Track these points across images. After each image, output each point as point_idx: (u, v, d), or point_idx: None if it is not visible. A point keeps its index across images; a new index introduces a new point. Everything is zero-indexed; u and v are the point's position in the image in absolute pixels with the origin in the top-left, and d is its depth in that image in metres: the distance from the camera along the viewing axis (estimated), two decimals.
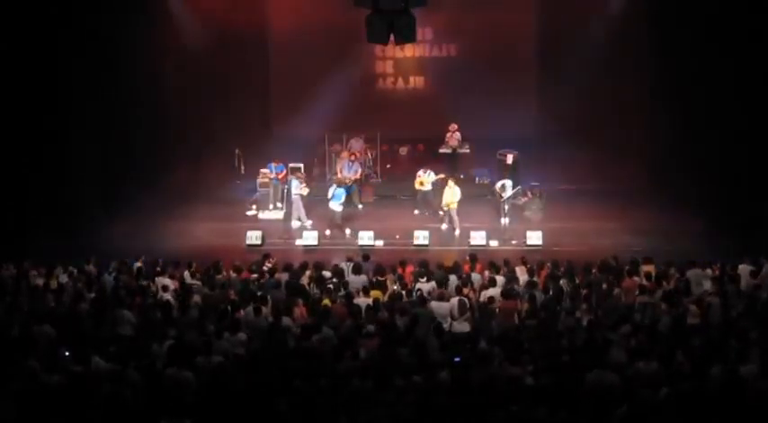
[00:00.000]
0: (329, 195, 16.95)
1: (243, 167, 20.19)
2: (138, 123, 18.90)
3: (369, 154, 20.28)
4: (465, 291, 12.41)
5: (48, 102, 16.58)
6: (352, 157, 18.69)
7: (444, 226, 17.32)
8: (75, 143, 17.23)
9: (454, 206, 17.13)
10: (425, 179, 18.04)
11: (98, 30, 17.08)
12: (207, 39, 20.19)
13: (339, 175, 18.37)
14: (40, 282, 13.06)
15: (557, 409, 8.09)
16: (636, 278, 12.95)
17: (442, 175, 18.38)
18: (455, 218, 17.17)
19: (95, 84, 17.31)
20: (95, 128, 17.60)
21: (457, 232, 17.14)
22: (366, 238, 16.68)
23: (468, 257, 14.13)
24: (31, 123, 16.42)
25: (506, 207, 17.47)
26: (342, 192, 17.00)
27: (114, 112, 17.99)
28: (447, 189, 17.26)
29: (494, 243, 16.68)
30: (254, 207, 18.90)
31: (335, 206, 16.93)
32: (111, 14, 17.39)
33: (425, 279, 12.82)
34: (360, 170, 18.97)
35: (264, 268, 13.57)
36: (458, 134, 19.71)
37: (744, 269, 13.31)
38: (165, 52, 19.52)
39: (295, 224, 17.54)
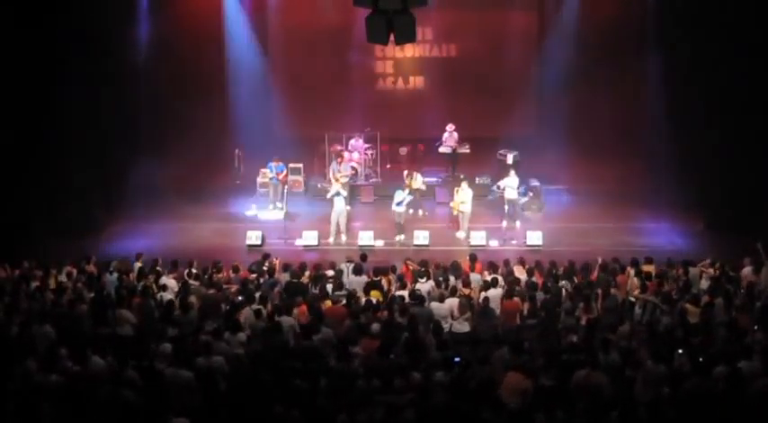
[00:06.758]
0: (396, 201, 16.92)
1: (243, 167, 20.20)
2: (137, 123, 18.88)
3: (368, 154, 20.27)
4: (465, 291, 12.43)
5: (46, 102, 16.57)
6: (339, 159, 18.69)
7: (462, 234, 17.07)
8: (75, 143, 17.21)
9: (464, 210, 16.93)
10: (412, 182, 17.90)
11: (97, 28, 17.05)
12: (207, 38, 20.17)
13: (332, 176, 18.34)
14: (40, 282, 13.05)
15: (557, 408, 8.10)
16: (634, 277, 12.96)
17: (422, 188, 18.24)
18: (464, 221, 17.00)
19: (95, 83, 17.28)
20: (95, 127, 17.58)
21: (459, 234, 17.07)
22: (366, 238, 16.69)
23: (468, 257, 14.13)
24: (30, 123, 16.41)
25: (515, 209, 17.44)
26: (405, 196, 16.95)
27: (114, 112, 17.97)
28: (459, 190, 17.12)
29: (494, 243, 16.68)
30: (254, 207, 18.90)
31: (400, 209, 16.90)
32: (110, 13, 17.38)
33: (425, 279, 12.82)
34: (351, 170, 18.93)
35: (264, 268, 13.58)
36: (455, 134, 19.68)
37: (744, 269, 13.34)
38: (164, 52, 19.50)
39: (331, 240, 16.97)
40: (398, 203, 16.95)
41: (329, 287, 12.73)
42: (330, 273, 13.35)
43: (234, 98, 20.82)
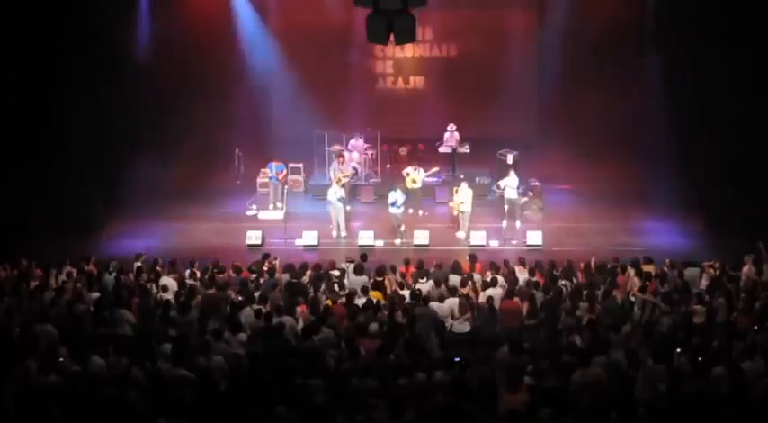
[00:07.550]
0: (390, 202, 16.89)
1: (242, 167, 20.19)
2: (137, 123, 18.88)
3: (369, 154, 20.26)
4: (465, 290, 12.43)
5: (47, 101, 16.57)
6: (340, 159, 18.67)
7: (462, 234, 17.02)
8: (75, 142, 17.22)
9: (465, 209, 16.87)
10: (416, 177, 17.96)
11: (97, 27, 17.06)
12: (207, 38, 20.17)
13: (334, 177, 18.30)
14: (40, 282, 13.04)
15: (558, 408, 8.09)
16: (634, 277, 12.95)
17: (435, 169, 18.39)
18: (464, 221, 16.97)
19: (95, 83, 17.29)
20: (95, 127, 17.59)
21: (459, 234, 17.05)
22: (366, 238, 16.69)
23: (467, 257, 14.13)
24: (30, 123, 16.41)
25: (515, 209, 17.43)
26: (400, 197, 16.92)
27: (114, 112, 17.98)
28: (459, 190, 17.07)
29: (494, 243, 16.67)
30: (254, 207, 18.90)
31: (396, 210, 16.88)
32: (111, 13, 17.38)
33: (425, 279, 12.82)
34: (350, 170, 18.89)
35: (264, 268, 13.57)
36: (456, 134, 19.67)
37: (745, 268, 13.34)
38: (165, 51, 19.50)
39: (334, 233, 17.09)
40: (393, 204, 16.92)
41: (335, 287, 12.74)
42: (336, 273, 13.36)
43: (234, 98, 20.79)
